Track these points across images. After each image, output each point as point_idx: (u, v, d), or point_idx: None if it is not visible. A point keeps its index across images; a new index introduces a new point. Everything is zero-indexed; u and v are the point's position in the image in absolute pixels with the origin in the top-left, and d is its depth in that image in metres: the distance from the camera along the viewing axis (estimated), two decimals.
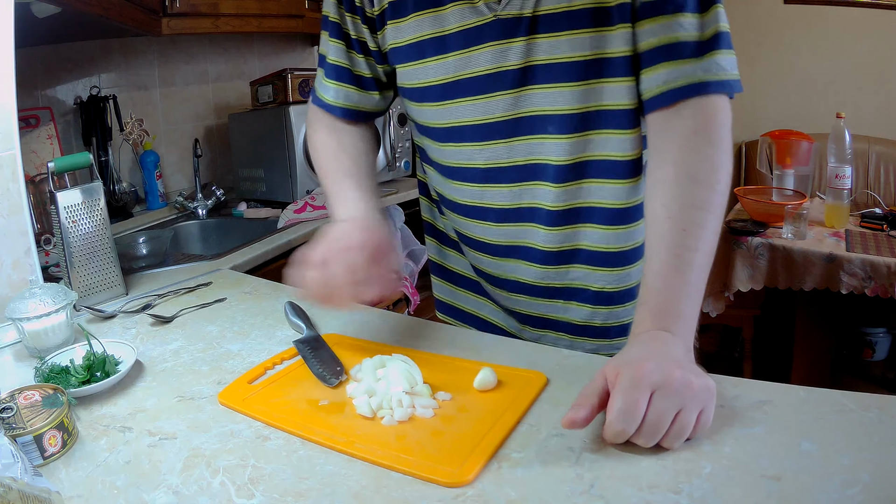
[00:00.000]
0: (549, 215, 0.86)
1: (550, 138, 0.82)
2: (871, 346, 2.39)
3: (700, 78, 0.73)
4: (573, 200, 0.85)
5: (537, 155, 0.84)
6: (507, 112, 0.82)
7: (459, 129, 0.87)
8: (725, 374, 0.70)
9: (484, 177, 0.88)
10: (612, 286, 0.90)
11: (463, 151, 0.88)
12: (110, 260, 1.16)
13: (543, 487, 0.54)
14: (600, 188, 0.84)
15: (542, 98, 0.80)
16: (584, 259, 0.89)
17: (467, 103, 0.84)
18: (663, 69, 0.74)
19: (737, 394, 0.66)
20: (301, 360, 0.81)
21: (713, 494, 0.52)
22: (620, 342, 0.92)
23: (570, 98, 0.79)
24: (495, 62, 0.81)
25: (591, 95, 0.79)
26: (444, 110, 0.87)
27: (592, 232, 0.87)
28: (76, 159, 1.15)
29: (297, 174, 2.05)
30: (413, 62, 0.87)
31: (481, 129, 0.85)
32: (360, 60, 0.94)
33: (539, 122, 0.82)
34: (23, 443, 0.61)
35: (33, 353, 0.89)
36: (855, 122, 2.24)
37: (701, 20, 0.74)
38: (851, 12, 2.66)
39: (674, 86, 0.74)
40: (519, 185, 0.86)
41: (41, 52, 1.77)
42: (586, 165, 0.83)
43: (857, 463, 0.54)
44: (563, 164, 0.83)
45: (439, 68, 0.85)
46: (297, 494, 0.56)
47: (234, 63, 2.40)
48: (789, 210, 2.00)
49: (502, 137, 0.84)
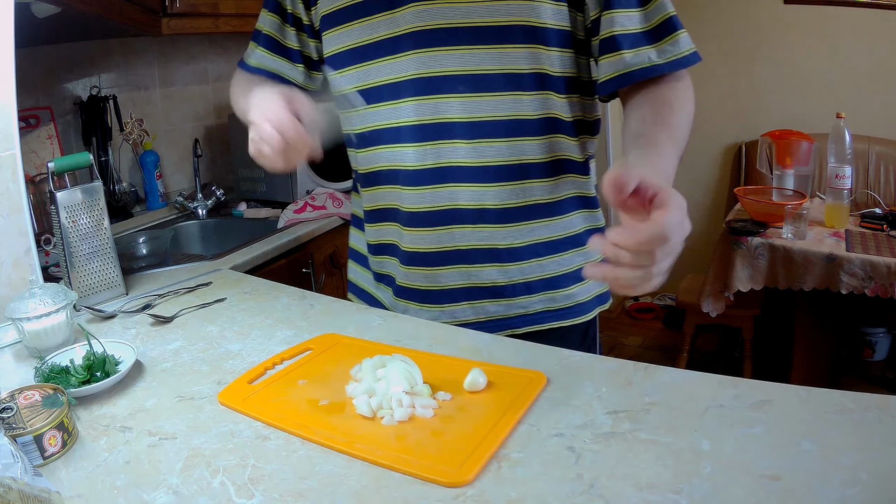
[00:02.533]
0: (458, 172, 0.89)
1: (456, 97, 0.86)
2: (871, 346, 2.39)
3: (634, 67, 0.82)
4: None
5: (444, 114, 0.87)
6: (417, 70, 0.86)
7: (375, 91, 0.91)
8: (725, 374, 0.70)
9: (392, 137, 0.91)
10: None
11: (378, 113, 0.92)
12: (110, 260, 1.16)
13: (543, 487, 0.54)
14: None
15: (456, 59, 0.85)
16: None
17: (382, 63, 0.89)
18: (605, 60, 0.84)
19: (737, 394, 0.66)
20: (301, 359, 0.81)
21: (713, 494, 0.52)
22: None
23: (479, 59, 0.85)
24: (413, 23, 0.85)
25: (504, 59, 0.85)
26: (361, 72, 0.92)
27: None
28: (76, 159, 1.15)
29: (297, 174, 2.05)
30: (338, 27, 0.92)
31: (393, 87, 0.89)
32: (291, 33, 1.01)
33: (445, 81, 0.86)
34: (23, 443, 0.61)
35: (33, 353, 0.89)
36: (855, 122, 2.24)
37: (644, 13, 0.83)
38: (851, 12, 2.65)
39: (612, 76, 0.84)
40: (432, 143, 0.89)
41: (41, 52, 1.77)
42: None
43: (857, 463, 0.54)
44: (467, 121, 0.87)
45: (362, 30, 0.89)
46: (297, 494, 0.56)
47: (234, 63, 2.39)
48: (789, 210, 2.00)
49: (411, 96, 0.88)
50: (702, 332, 2.75)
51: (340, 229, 1.98)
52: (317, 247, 1.88)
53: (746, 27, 2.83)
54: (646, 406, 0.66)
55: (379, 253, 1.02)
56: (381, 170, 0.95)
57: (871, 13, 2.62)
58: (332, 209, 1.94)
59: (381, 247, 1.01)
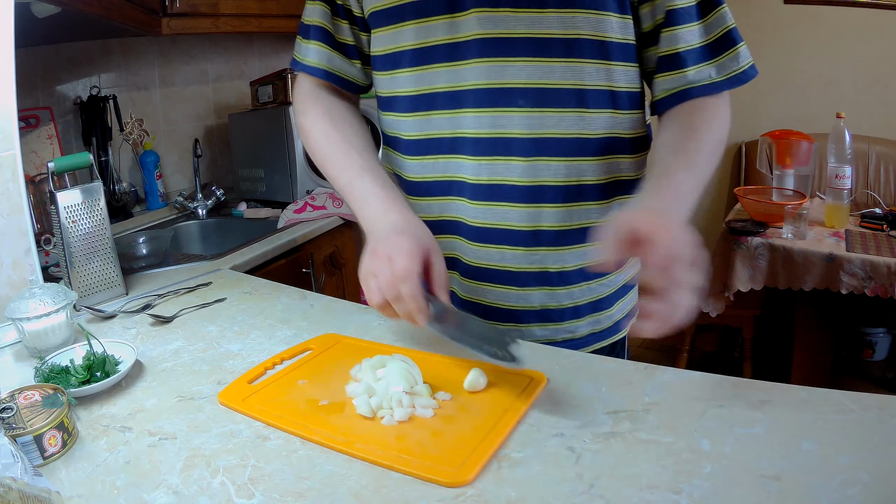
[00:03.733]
0: (514, 191, 0.86)
1: (518, 111, 0.82)
2: (871, 346, 2.39)
3: (695, 84, 0.81)
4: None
5: (502, 128, 0.83)
6: (479, 80, 0.82)
7: (429, 97, 0.86)
8: (725, 374, 0.70)
9: (451, 147, 0.87)
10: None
11: (430, 121, 0.88)
12: (110, 260, 1.16)
13: (543, 487, 0.54)
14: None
15: (518, 71, 0.81)
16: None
17: (441, 69, 0.84)
18: (666, 77, 0.82)
19: (737, 394, 0.66)
20: (301, 359, 0.81)
21: (713, 494, 0.52)
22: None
23: (545, 71, 0.81)
24: (475, 30, 0.81)
25: (569, 73, 0.81)
26: (416, 76, 0.87)
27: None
28: (76, 159, 1.15)
29: (297, 174, 2.05)
30: (390, 26, 0.87)
31: (451, 96, 0.85)
32: (344, 27, 0.93)
33: (508, 94, 0.82)
34: (23, 443, 0.61)
35: (33, 353, 0.89)
36: (855, 122, 2.24)
37: (704, 26, 0.80)
38: (851, 12, 2.65)
39: (671, 93, 0.82)
40: (488, 158, 0.85)
41: (41, 52, 1.77)
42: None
43: (857, 463, 0.54)
44: (527, 137, 0.83)
45: (418, 32, 0.85)
46: (297, 494, 0.56)
47: (234, 63, 2.40)
48: (789, 210, 2.00)
49: (470, 107, 0.84)
50: (702, 332, 2.75)
51: (340, 229, 1.98)
52: (317, 247, 1.88)
53: (746, 27, 2.80)
54: (646, 406, 0.66)
55: None
56: (438, 180, 0.91)
57: (871, 13, 2.62)
58: (332, 209, 1.94)
59: None
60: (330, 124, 0.92)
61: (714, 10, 0.80)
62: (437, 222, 0.91)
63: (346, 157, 0.88)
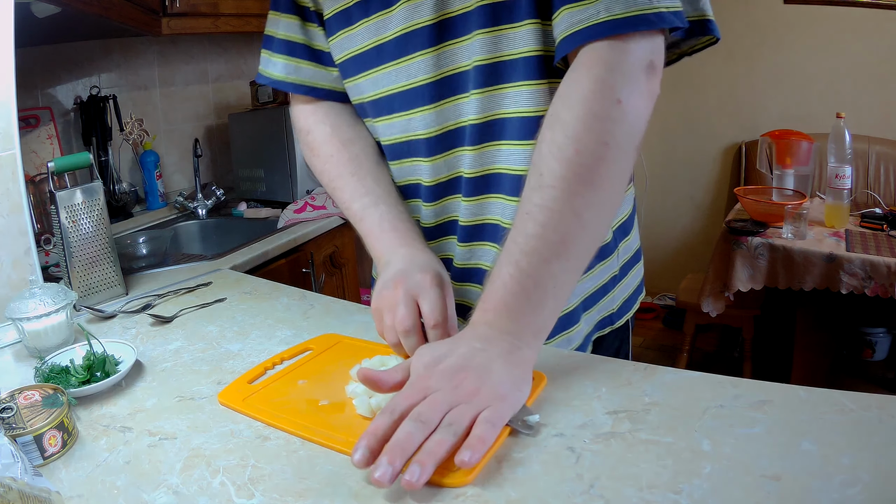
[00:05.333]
0: (466, 184, 0.81)
1: (467, 96, 0.77)
2: (871, 346, 2.39)
3: (601, 18, 0.62)
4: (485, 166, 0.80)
5: (459, 117, 0.78)
6: (429, 74, 0.77)
7: (388, 99, 0.82)
8: (725, 374, 0.70)
9: (412, 149, 0.83)
10: None
11: (394, 124, 0.83)
12: (110, 260, 1.16)
13: (543, 487, 0.54)
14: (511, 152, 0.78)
15: (462, 52, 0.75)
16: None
17: (390, 69, 0.80)
18: (566, 13, 0.65)
19: (737, 394, 0.66)
20: (301, 359, 0.81)
21: (713, 494, 0.51)
22: None
23: (482, 48, 0.73)
24: (409, 20, 0.76)
25: (500, 44, 0.73)
26: (371, 80, 0.82)
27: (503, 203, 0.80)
28: (76, 159, 1.15)
29: (297, 174, 2.05)
30: (343, 30, 0.83)
31: (407, 95, 0.80)
32: (317, 33, 0.88)
33: (461, 80, 0.77)
34: (23, 443, 0.61)
35: (33, 353, 0.89)
36: (855, 122, 2.25)
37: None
38: (851, 12, 2.66)
39: (573, 31, 0.65)
40: (444, 155, 0.81)
41: (41, 52, 1.77)
42: (498, 124, 0.77)
43: (857, 463, 0.54)
44: (478, 122, 0.77)
45: (365, 33, 0.81)
46: (297, 494, 0.56)
47: (234, 63, 2.40)
48: (789, 210, 2.00)
49: (427, 103, 0.79)
50: (702, 332, 2.75)
51: (340, 229, 1.98)
52: (317, 247, 1.88)
53: (746, 27, 2.82)
54: (646, 406, 0.65)
55: None
56: (408, 184, 0.88)
57: (871, 13, 2.62)
58: (332, 209, 1.94)
59: None
60: (338, 145, 0.88)
61: None
62: (433, 227, 0.89)
63: (359, 182, 0.84)
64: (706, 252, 2.25)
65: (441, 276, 0.73)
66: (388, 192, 0.85)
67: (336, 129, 0.90)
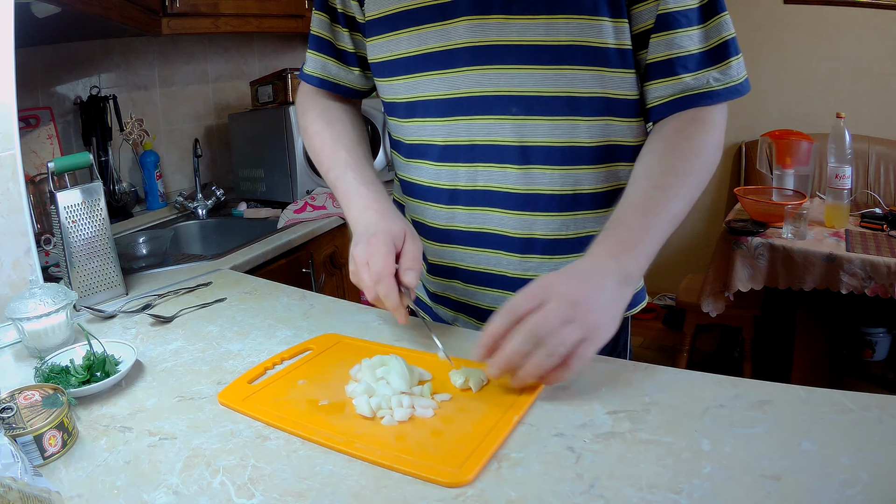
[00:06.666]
0: (507, 198, 0.86)
1: (510, 119, 0.82)
2: (871, 346, 2.39)
3: (693, 91, 0.78)
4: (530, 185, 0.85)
5: (496, 135, 0.84)
6: (471, 88, 0.83)
7: (424, 104, 0.87)
8: (725, 374, 0.70)
9: (440, 155, 0.89)
10: None
11: (425, 127, 0.89)
12: (110, 260, 1.16)
13: (543, 487, 0.54)
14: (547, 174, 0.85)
15: (510, 79, 0.81)
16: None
17: (434, 77, 0.85)
18: (661, 84, 0.79)
19: (737, 394, 0.66)
20: (301, 359, 0.81)
21: (713, 494, 0.52)
22: None
23: (536, 79, 0.80)
24: (466, 37, 0.81)
25: (561, 81, 0.80)
26: (410, 84, 0.88)
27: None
28: (76, 159, 1.15)
29: (297, 174, 2.05)
30: (386, 34, 0.88)
31: (444, 104, 0.85)
32: (343, 34, 0.95)
33: (500, 102, 0.82)
34: (23, 443, 0.61)
35: (33, 353, 0.89)
36: (855, 122, 2.25)
37: (704, 31, 0.77)
38: (851, 12, 2.66)
39: (667, 101, 0.79)
40: (483, 165, 0.86)
41: (41, 52, 1.77)
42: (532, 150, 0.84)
43: (857, 463, 0.54)
44: (520, 145, 0.83)
45: (411, 40, 0.85)
46: (297, 494, 0.56)
47: (234, 63, 2.40)
48: (789, 210, 2.00)
49: (463, 114, 0.85)
50: (702, 332, 2.75)
51: (340, 229, 1.98)
52: (317, 247, 1.88)
53: (746, 27, 2.82)
54: (646, 406, 0.66)
55: (436, 273, 0.98)
56: (420, 184, 0.93)
57: (871, 13, 2.62)
58: (332, 209, 1.94)
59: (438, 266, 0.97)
60: (323, 124, 0.96)
61: (715, 15, 0.77)
62: (441, 230, 0.93)
63: (334, 154, 0.93)
64: (706, 252, 2.25)
65: (412, 230, 0.81)
66: (358, 163, 0.91)
67: (325, 112, 0.99)
